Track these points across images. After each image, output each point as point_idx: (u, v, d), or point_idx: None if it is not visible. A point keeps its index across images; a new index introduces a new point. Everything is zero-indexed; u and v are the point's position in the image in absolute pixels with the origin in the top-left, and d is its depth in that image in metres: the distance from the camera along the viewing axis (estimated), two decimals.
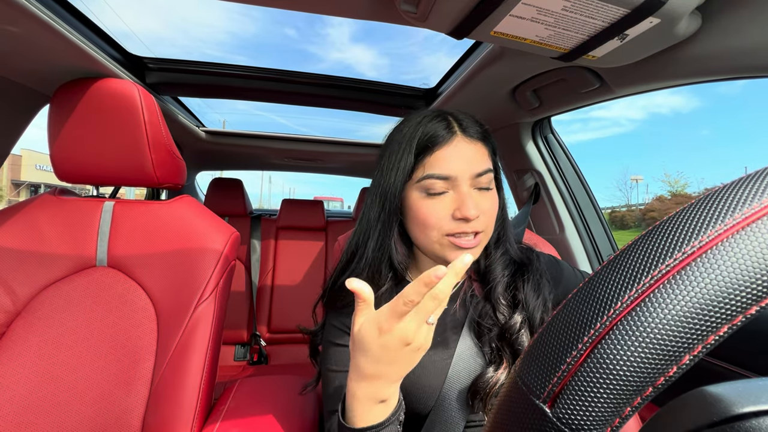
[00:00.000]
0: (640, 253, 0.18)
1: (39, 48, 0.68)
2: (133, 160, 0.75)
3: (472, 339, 0.53)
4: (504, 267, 0.57)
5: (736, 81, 0.57)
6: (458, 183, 0.50)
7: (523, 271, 0.57)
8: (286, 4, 0.61)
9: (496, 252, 0.58)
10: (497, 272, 0.56)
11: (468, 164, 0.51)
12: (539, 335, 0.21)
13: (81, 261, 0.74)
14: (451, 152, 0.51)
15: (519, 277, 0.56)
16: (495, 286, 0.55)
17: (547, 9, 0.47)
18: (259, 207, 3.01)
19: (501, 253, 0.58)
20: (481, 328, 0.53)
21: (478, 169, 0.51)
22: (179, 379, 0.67)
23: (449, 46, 0.81)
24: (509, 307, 0.54)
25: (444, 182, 0.51)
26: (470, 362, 0.51)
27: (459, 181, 0.50)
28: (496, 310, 0.54)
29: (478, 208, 0.50)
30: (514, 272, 0.57)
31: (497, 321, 0.53)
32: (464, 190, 0.50)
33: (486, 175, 0.52)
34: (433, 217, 0.51)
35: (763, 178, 0.18)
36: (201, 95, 1.22)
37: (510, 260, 0.58)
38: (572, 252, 1.09)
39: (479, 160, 0.52)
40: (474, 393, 0.49)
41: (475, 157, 0.52)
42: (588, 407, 0.17)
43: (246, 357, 1.74)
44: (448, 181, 0.51)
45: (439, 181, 0.51)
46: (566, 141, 1.14)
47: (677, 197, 21.65)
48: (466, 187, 0.51)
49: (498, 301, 0.54)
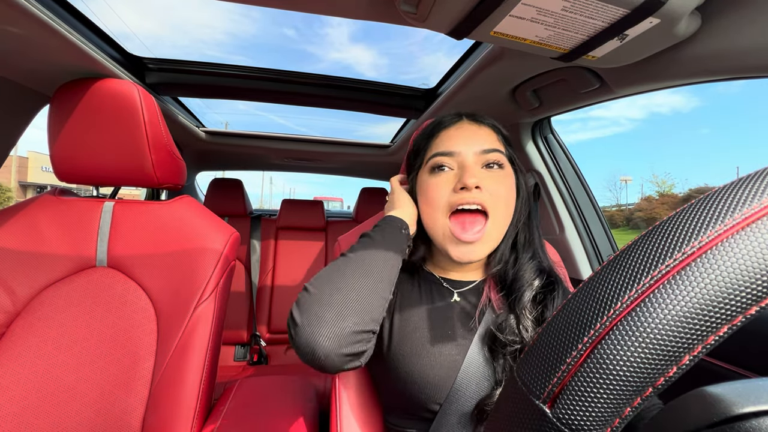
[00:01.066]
0: (639, 253, 0.18)
1: (39, 48, 0.68)
2: (133, 161, 0.75)
3: (484, 348, 0.50)
4: (534, 274, 0.53)
5: (736, 81, 0.57)
6: (462, 158, 0.52)
7: (552, 287, 0.52)
8: (286, 4, 0.61)
9: (524, 256, 0.55)
10: (525, 279, 0.52)
11: (473, 141, 0.53)
12: (539, 335, 0.21)
13: (81, 261, 0.74)
14: (455, 131, 0.54)
15: (549, 293, 0.51)
16: (521, 294, 0.51)
17: (546, 9, 0.47)
18: (259, 207, 3.02)
19: (529, 257, 0.54)
20: (496, 343, 0.49)
21: (484, 146, 0.52)
22: (179, 380, 0.67)
23: (448, 46, 0.81)
24: (535, 323, 0.49)
25: (449, 158, 0.53)
26: (481, 369, 0.49)
27: (463, 156, 0.52)
28: (519, 323, 0.49)
29: (482, 181, 0.50)
30: (543, 284, 0.52)
31: (520, 337, 0.48)
32: (468, 163, 0.51)
33: (494, 153, 0.52)
34: (437, 191, 0.52)
35: (762, 178, 0.18)
36: (201, 95, 1.22)
37: (539, 269, 0.54)
38: (572, 252, 1.09)
39: (485, 139, 0.53)
40: (480, 411, 0.47)
41: (481, 136, 0.53)
42: (588, 408, 0.17)
43: (246, 357, 1.74)
44: (453, 158, 0.53)
45: (444, 157, 0.53)
46: (565, 140, 1.14)
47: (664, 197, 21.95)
48: (470, 161, 0.52)
49: (523, 313, 0.49)
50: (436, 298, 0.55)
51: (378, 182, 2.39)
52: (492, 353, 0.50)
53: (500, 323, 0.50)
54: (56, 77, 0.77)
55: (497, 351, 0.49)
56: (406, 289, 0.57)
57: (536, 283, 0.52)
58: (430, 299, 0.55)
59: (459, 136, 0.54)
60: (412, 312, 0.54)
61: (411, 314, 0.54)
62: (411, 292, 0.57)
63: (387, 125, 1.58)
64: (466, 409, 0.48)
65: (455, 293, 0.56)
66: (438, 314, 0.53)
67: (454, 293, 0.56)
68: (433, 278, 0.58)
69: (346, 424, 0.57)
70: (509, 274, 0.54)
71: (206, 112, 1.58)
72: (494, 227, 0.51)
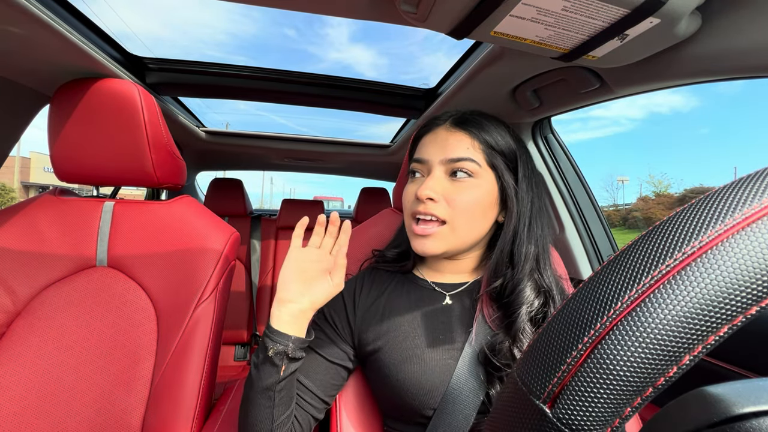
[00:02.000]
0: (640, 253, 0.18)
1: (39, 48, 0.68)
2: (133, 161, 0.75)
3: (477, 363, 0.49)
4: (534, 293, 0.50)
5: (735, 81, 0.57)
6: (430, 167, 0.53)
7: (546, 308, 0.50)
8: (287, 4, 0.61)
9: (521, 272, 0.51)
10: (521, 299, 0.49)
11: (441, 149, 0.53)
12: (539, 335, 0.21)
13: (81, 261, 0.74)
14: (430, 138, 0.55)
15: (546, 313, 0.49)
16: (518, 316, 0.48)
17: (547, 9, 0.47)
18: (260, 207, 3.01)
19: (528, 273, 0.51)
20: (489, 367, 0.47)
21: (451, 155, 0.52)
22: (179, 379, 0.67)
23: (448, 46, 0.81)
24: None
25: (420, 165, 0.55)
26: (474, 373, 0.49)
27: (431, 164, 0.53)
28: (513, 346, 0.47)
29: (440, 192, 0.51)
30: (543, 303, 0.50)
31: (514, 359, 0.46)
32: (433, 173, 0.52)
33: (462, 162, 0.51)
34: (406, 197, 0.55)
35: (762, 178, 0.18)
36: (201, 95, 1.22)
37: (538, 288, 0.51)
38: (572, 252, 1.09)
39: (455, 147, 0.52)
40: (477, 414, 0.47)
41: (451, 144, 0.52)
42: (588, 408, 0.17)
43: (246, 357, 1.74)
44: (423, 165, 0.54)
45: (417, 164, 0.55)
46: (565, 140, 1.14)
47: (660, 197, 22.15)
48: (436, 171, 0.52)
49: (518, 336, 0.47)
50: (427, 304, 0.55)
51: (378, 182, 2.39)
52: (486, 375, 0.49)
53: (494, 346, 0.48)
54: (56, 77, 0.76)
55: (492, 374, 0.49)
56: (396, 297, 0.57)
57: (535, 305, 0.49)
58: (420, 305, 0.55)
59: (430, 143, 0.54)
60: (403, 319, 0.54)
61: (401, 321, 0.54)
62: (400, 299, 0.56)
63: (387, 125, 1.58)
64: (461, 413, 0.48)
65: (447, 296, 0.56)
66: (429, 320, 0.53)
67: (446, 296, 0.56)
68: (424, 283, 0.58)
69: (346, 426, 0.57)
70: (506, 289, 0.52)
71: (206, 112, 1.58)
72: (451, 233, 0.51)
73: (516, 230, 0.53)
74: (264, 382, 0.45)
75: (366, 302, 0.57)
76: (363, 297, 0.58)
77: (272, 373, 0.45)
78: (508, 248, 0.53)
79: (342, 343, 0.55)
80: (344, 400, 0.59)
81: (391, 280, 0.59)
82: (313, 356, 0.54)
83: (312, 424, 0.53)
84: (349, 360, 0.56)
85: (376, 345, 0.53)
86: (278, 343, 0.45)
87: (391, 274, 0.61)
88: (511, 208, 0.53)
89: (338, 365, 0.55)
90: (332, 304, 0.58)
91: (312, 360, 0.54)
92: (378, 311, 0.56)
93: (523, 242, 0.52)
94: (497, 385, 0.48)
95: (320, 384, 0.53)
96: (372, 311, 0.56)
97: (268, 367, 0.45)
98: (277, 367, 0.45)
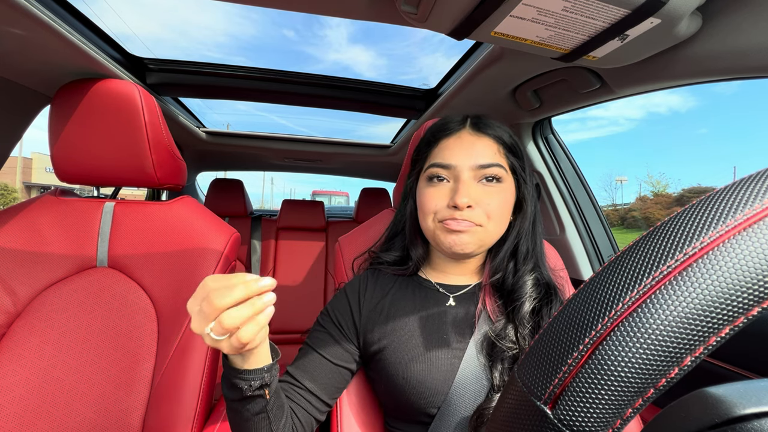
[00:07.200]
0: (640, 254, 0.18)
1: (40, 49, 0.68)
2: (134, 161, 0.75)
3: (482, 354, 0.51)
4: (534, 287, 0.53)
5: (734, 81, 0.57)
6: (458, 172, 0.52)
7: (550, 298, 0.53)
8: (286, 4, 0.61)
9: (525, 266, 0.55)
10: (525, 290, 0.53)
11: (470, 155, 0.52)
12: (540, 336, 0.21)
13: (81, 261, 0.74)
14: (454, 142, 0.54)
15: (546, 303, 0.52)
16: (521, 305, 0.51)
17: (547, 9, 0.47)
18: (260, 207, 3.01)
19: (531, 268, 0.55)
20: (495, 350, 0.50)
21: (481, 161, 0.51)
22: (179, 380, 0.67)
23: (447, 46, 0.81)
24: (532, 332, 0.50)
25: (445, 171, 0.53)
26: (477, 373, 0.50)
27: (459, 170, 0.52)
28: (517, 332, 0.50)
29: (475, 198, 0.50)
30: (541, 296, 0.53)
31: (518, 345, 0.49)
32: (463, 179, 0.51)
33: (492, 168, 0.51)
34: (431, 202, 0.53)
35: (763, 179, 0.18)
36: (201, 96, 1.22)
37: (539, 281, 0.54)
38: (573, 252, 1.09)
39: (484, 152, 0.52)
40: (479, 417, 0.47)
41: (479, 149, 0.52)
42: (589, 409, 0.17)
43: None
44: (449, 171, 0.53)
45: (441, 169, 0.53)
46: (564, 140, 1.14)
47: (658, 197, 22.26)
48: (466, 176, 0.51)
49: (522, 323, 0.50)
50: (431, 304, 0.56)
51: (378, 182, 2.40)
52: (489, 358, 0.50)
53: (498, 331, 0.50)
54: (57, 78, 0.77)
55: (495, 356, 0.50)
56: (400, 297, 0.57)
57: (535, 295, 0.53)
58: (425, 306, 0.56)
59: (456, 147, 0.53)
60: (407, 320, 0.54)
61: (406, 322, 0.54)
62: (405, 300, 0.57)
63: (387, 125, 1.58)
64: (464, 413, 0.48)
65: (451, 297, 0.56)
66: (433, 320, 0.54)
67: (450, 298, 0.56)
68: (428, 284, 0.58)
69: (347, 425, 0.57)
70: (507, 283, 0.54)
71: (207, 113, 1.59)
72: (486, 235, 0.52)
73: (522, 230, 0.56)
74: (253, 411, 0.43)
75: (371, 302, 0.57)
76: (367, 297, 0.58)
77: (259, 402, 0.43)
78: (513, 245, 0.56)
79: (347, 343, 0.56)
80: (345, 400, 0.59)
81: (394, 281, 0.60)
82: (318, 359, 0.54)
83: (314, 426, 0.53)
84: (353, 361, 0.56)
85: (381, 344, 0.54)
86: (253, 380, 0.41)
87: (394, 275, 0.61)
88: (525, 208, 0.56)
89: (343, 368, 0.55)
90: (337, 305, 0.58)
91: (317, 363, 0.54)
92: (383, 311, 0.56)
93: (528, 239, 0.56)
94: (499, 366, 0.49)
95: (324, 387, 0.53)
96: (377, 311, 0.56)
97: (252, 401, 0.43)
98: (262, 396, 0.42)
